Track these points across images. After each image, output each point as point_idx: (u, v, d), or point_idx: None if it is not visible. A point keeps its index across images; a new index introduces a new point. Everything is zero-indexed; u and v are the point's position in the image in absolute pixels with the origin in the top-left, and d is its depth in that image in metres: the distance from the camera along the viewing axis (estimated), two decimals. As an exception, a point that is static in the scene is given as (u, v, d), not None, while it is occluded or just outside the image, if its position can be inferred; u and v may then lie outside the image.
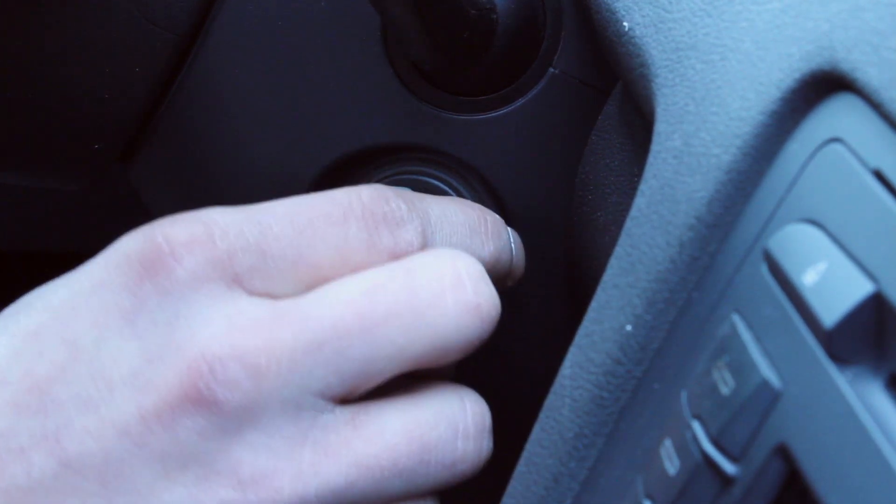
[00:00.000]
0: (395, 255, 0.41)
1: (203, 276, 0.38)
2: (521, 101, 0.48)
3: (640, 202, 0.36)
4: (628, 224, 0.36)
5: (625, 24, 0.41)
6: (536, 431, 0.37)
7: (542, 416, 0.37)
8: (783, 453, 0.28)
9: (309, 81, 0.49)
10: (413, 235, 0.41)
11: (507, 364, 0.51)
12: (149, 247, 0.38)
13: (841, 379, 0.27)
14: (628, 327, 0.35)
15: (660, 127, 0.37)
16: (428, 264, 0.40)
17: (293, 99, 0.49)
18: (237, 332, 0.37)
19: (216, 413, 0.37)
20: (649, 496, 0.32)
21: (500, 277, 0.46)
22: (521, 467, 0.37)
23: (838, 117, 0.31)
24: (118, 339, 0.37)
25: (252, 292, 0.38)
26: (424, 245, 0.42)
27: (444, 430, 0.40)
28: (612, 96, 0.47)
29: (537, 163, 0.49)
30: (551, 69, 0.48)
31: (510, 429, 0.45)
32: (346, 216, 0.41)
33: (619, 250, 0.36)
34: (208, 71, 0.49)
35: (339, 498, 0.38)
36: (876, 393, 0.27)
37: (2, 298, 0.43)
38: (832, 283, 0.28)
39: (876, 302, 0.27)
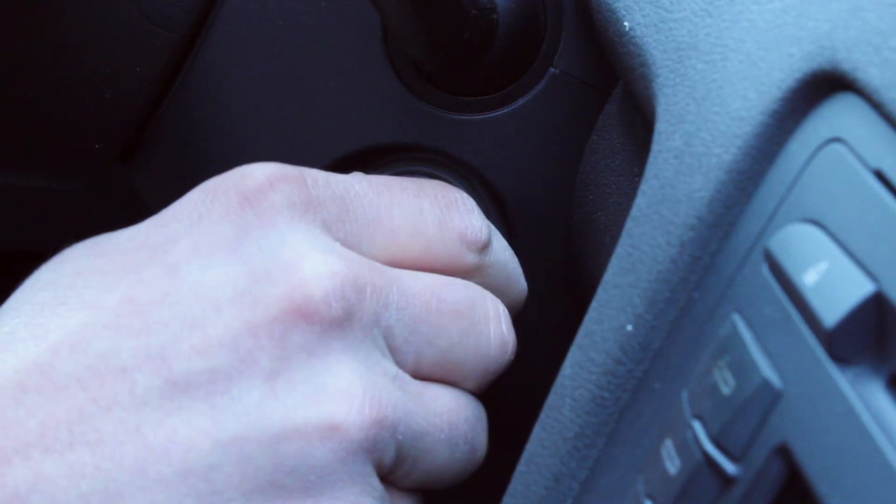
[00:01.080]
0: (465, 239, 0.43)
1: (300, 212, 0.39)
2: (521, 101, 0.48)
3: (640, 202, 0.36)
4: (629, 224, 0.36)
5: (625, 23, 0.41)
6: (537, 431, 0.37)
7: (542, 415, 0.37)
8: (784, 453, 0.28)
9: (309, 81, 0.49)
10: (481, 224, 0.43)
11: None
12: (247, 180, 0.39)
13: (842, 379, 0.27)
14: (629, 327, 0.35)
15: (661, 127, 0.37)
16: (481, 292, 0.43)
17: (293, 99, 0.49)
18: (349, 270, 0.38)
19: (324, 329, 0.37)
20: (650, 496, 0.32)
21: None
22: (521, 467, 0.37)
23: (839, 117, 0.31)
24: (223, 265, 0.37)
25: (337, 241, 0.39)
26: (490, 238, 0.43)
27: (476, 412, 0.42)
28: (613, 96, 0.47)
29: (537, 163, 0.49)
30: (552, 69, 0.48)
31: (511, 428, 0.45)
32: (420, 193, 0.43)
33: (620, 250, 0.36)
34: (209, 71, 0.49)
35: (410, 446, 0.39)
36: (877, 393, 0.27)
37: (2, 298, 0.43)
38: (833, 283, 0.28)
39: (876, 302, 0.27)
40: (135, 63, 0.48)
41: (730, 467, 0.30)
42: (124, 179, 0.53)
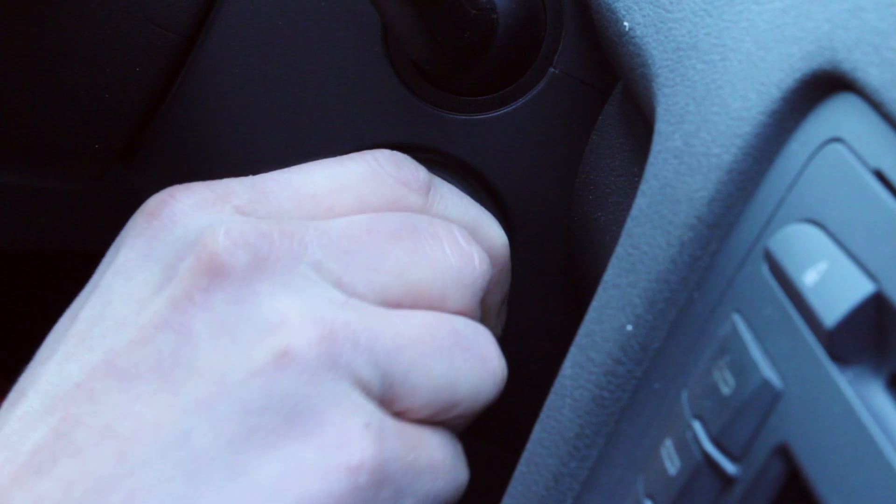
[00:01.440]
0: (401, 180, 0.43)
1: (206, 206, 0.40)
2: (521, 101, 0.48)
3: (640, 202, 0.36)
4: (629, 224, 0.36)
5: (625, 23, 0.41)
6: (537, 431, 0.37)
7: (542, 415, 0.37)
8: (784, 453, 0.28)
9: (309, 81, 0.49)
10: (418, 170, 0.43)
11: (508, 364, 0.51)
12: (151, 201, 0.41)
13: (841, 379, 0.27)
14: (629, 327, 0.35)
15: (660, 127, 0.37)
16: (425, 217, 0.43)
17: (293, 99, 0.49)
18: (250, 225, 0.39)
19: (241, 277, 0.38)
20: (650, 496, 0.32)
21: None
22: (521, 467, 0.37)
23: (839, 117, 0.31)
24: (141, 271, 0.39)
25: (259, 218, 0.40)
26: (431, 183, 0.44)
27: (467, 324, 0.42)
28: (613, 96, 0.47)
29: (537, 163, 0.49)
30: (552, 69, 0.48)
31: (511, 428, 0.45)
32: (343, 159, 0.43)
33: (620, 250, 0.36)
34: (209, 71, 0.49)
35: (389, 361, 0.39)
36: (876, 393, 0.27)
37: (2, 298, 0.43)
38: (833, 283, 0.28)
39: (876, 302, 0.27)
40: (135, 63, 0.48)
41: (730, 467, 0.30)
42: (124, 179, 0.53)
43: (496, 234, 0.46)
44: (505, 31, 0.47)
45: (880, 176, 0.29)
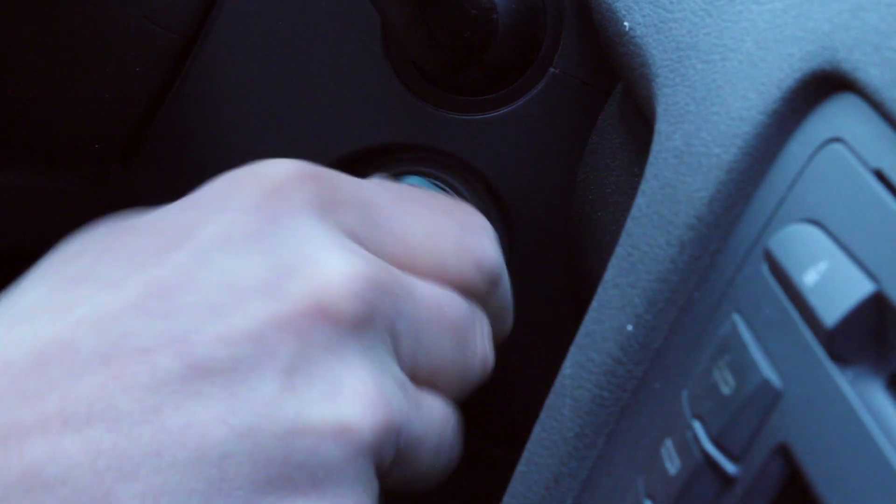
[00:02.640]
0: (481, 267, 0.43)
1: (323, 212, 0.39)
2: (521, 101, 0.48)
3: (640, 202, 0.36)
4: (629, 224, 0.36)
5: (625, 23, 0.41)
6: (537, 431, 0.37)
7: (542, 415, 0.37)
8: (784, 453, 0.28)
9: (309, 81, 0.49)
10: (498, 257, 0.44)
11: (508, 363, 0.51)
12: (274, 174, 0.39)
13: (842, 379, 0.27)
14: (629, 327, 0.35)
15: (660, 127, 0.37)
16: (475, 311, 0.43)
17: (293, 99, 0.49)
18: (367, 274, 0.38)
19: (345, 328, 0.37)
20: (650, 496, 0.32)
21: None
22: (521, 467, 0.37)
23: (839, 117, 0.31)
24: (247, 254, 0.38)
25: (344, 231, 0.40)
26: (500, 276, 0.44)
27: (456, 422, 0.42)
28: (613, 96, 0.47)
29: (537, 163, 0.49)
30: (552, 69, 0.48)
31: (511, 428, 0.45)
32: (445, 212, 0.44)
33: (620, 250, 0.36)
34: (209, 71, 0.49)
35: (408, 448, 0.39)
36: (876, 393, 0.27)
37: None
38: (833, 283, 0.28)
39: (876, 302, 0.27)
40: (135, 63, 0.48)
41: (730, 467, 0.30)
42: (124, 179, 0.53)
43: (508, 327, 0.47)
44: (505, 31, 0.47)
45: (880, 176, 0.29)
